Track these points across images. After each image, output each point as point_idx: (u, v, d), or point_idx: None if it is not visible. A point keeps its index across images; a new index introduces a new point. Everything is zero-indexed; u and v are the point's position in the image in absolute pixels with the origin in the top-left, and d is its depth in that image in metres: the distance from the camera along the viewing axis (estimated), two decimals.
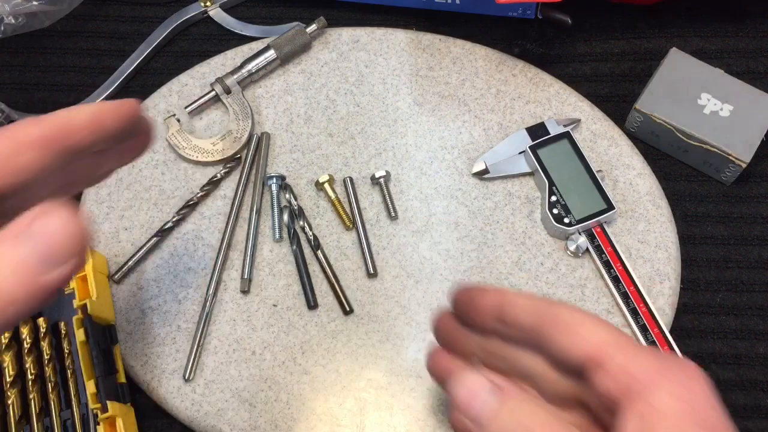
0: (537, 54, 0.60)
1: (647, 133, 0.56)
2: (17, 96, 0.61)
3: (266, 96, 0.59)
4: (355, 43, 0.60)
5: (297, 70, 0.60)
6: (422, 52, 0.60)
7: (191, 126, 0.58)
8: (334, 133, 0.57)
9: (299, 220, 0.54)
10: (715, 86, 0.55)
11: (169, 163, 0.57)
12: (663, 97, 0.55)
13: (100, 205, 0.55)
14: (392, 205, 0.54)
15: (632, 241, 0.53)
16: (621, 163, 0.55)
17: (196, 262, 0.53)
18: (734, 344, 0.51)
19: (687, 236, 0.54)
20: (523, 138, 0.55)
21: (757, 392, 0.49)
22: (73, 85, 0.61)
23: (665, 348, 0.49)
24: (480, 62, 0.59)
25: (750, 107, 0.54)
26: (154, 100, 0.59)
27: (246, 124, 0.57)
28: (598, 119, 0.57)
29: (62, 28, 0.63)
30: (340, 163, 0.56)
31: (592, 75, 0.60)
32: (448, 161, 0.56)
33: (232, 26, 0.62)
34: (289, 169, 0.56)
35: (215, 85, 0.57)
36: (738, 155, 0.53)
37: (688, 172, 0.56)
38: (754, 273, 0.53)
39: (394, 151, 0.57)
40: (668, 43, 0.59)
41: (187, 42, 0.62)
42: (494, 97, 0.58)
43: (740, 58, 0.59)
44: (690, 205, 0.55)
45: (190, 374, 0.50)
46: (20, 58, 0.62)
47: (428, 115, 0.58)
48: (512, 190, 0.55)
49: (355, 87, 0.59)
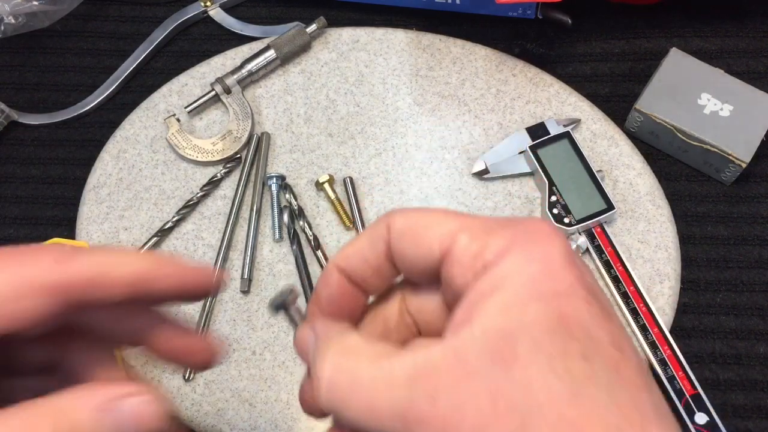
0: (537, 54, 0.60)
1: (647, 133, 0.56)
2: (17, 96, 0.61)
3: (266, 96, 0.59)
4: (355, 43, 0.60)
5: (297, 70, 0.60)
6: (422, 52, 0.60)
7: (191, 126, 0.58)
8: (334, 133, 0.57)
9: (299, 220, 0.54)
10: (715, 86, 0.55)
11: (169, 163, 0.57)
12: (663, 97, 0.55)
13: (100, 205, 0.55)
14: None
15: (632, 241, 0.53)
16: (621, 163, 0.55)
17: (196, 262, 0.53)
18: (734, 344, 0.51)
19: (687, 236, 0.54)
20: (523, 138, 0.55)
21: (757, 392, 0.49)
22: (73, 85, 0.61)
23: (665, 348, 0.49)
24: (480, 62, 0.59)
25: (750, 107, 0.54)
26: (154, 100, 0.59)
27: (246, 124, 0.57)
28: (598, 119, 0.57)
29: (62, 28, 0.63)
30: (340, 163, 0.56)
31: (592, 75, 0.60)
32: (448, 161, 0.56)
33: (232, 26, 0.62)
34: (289, 169, 0.56)
35: (215, 85, 0.58)
36: (738, 155, 0.53)
37: (688, 172, 0.56)
38: (754, 273, 0.53)
39: (394, 151, 0.57)
40: (668, 43, 0.59)
41: (187, 42, 0.62)
42: (494, 97, 0.58)
43: (740, 57, 0.59)
44: (690, 205, 0.55)
45: (190, 374, 0.50)
46: (20, 58, 0.62)
47: (428, 115, 0.58)
48: (512, 190, 0.55)
49: (355, 87, 0.59)
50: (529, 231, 0.26)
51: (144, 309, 0.32)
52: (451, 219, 0.28)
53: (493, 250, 0.26)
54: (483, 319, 0.24)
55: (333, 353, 0.27)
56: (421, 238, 0.28)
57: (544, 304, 0.24)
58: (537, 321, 0.24)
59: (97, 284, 0.28)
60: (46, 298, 0.27)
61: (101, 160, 0.57)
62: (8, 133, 0.59)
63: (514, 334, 0.24)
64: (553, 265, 0.25)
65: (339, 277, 0.30)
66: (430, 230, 0.28)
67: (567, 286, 0.25)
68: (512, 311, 0.24)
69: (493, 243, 0.26)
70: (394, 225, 0.29)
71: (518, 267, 0.25)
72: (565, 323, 0.24)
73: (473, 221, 0.27)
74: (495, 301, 0.25)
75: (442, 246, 0.27)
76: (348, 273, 0.30)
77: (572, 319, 0.24)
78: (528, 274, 0.25)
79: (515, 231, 0.26)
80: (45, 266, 0.27)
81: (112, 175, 0.56)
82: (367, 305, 0.32)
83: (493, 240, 0.26)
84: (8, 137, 0.59)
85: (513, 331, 0.24)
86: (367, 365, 0.25)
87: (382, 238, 0.29)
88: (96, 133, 0.59)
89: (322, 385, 0.26)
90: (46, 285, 0.27)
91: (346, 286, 0.31)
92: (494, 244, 0.26)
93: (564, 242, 0.26)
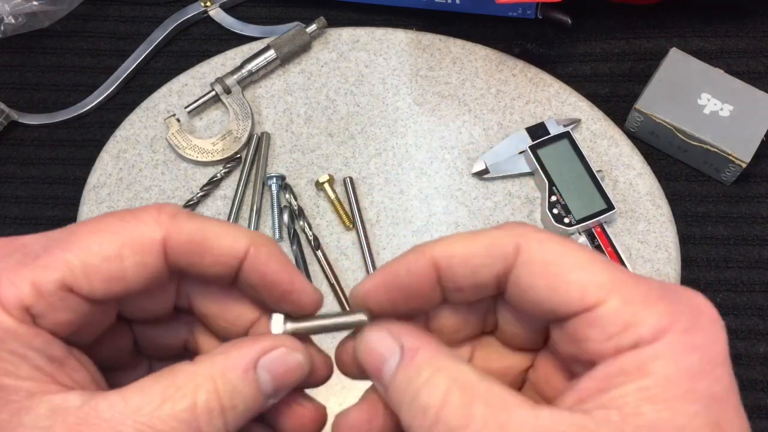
0: (537, 54, 0.60)
1: (647, 133, 0.56)
2: (17, 96, 0.61)
3: (266, 96, 0.59)
4: (355, 43, 0.60)
5: (297, 70, 0.60)
6: (422, 52, 0.60)
7: (191, 126, 0.58)
8: (334, 133, 0.57)
9: (299, 220, 0.54)
10: (715, 86, 0.55)
11: (169, 163, 0.57)
12: (663, 97, 0.55)
13: (99, 205, 0.55)
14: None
15: (632, 242, 0.53)
16: (621, 163, 0.55)
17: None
18: (734, 344, 0.51)
19: (687, 236, 0.54)
20: (523, 138, 0.55)
21: (758, 392, 0.49)
22: (73, 85, 0.61)
23: None
24: (480, 62, 0.59)
25: (750, 107, 0.54)
26: (154, 100, 0.59)
27: (246, 124, 0.57)
28: (598, 119, 0.57)
29: (62, 28, 0.62)
30: (340, 163, 0.56)
31: (592, 75, 0.60)
32: (448, 161, 0.56)
33: (232, 26, 0.62)
34: (289, 169, 0.56)
35: (215, 85, 0.57)
36: (738, 155, 0.53)
37: (688, 172, 0.56)
38: (754, 273, 0.53)
39: (394, 151, 0.57)
40: (668, 43, 0.59)
41: (187, 42, 0.62)
42: (494, 97, 0.58)
43: (740, 58, 0.59)
44: (690, 205, 0.55)
45: None
46: (20, 58, 0.62)
47: (428, 115, 0.58)
48: (512, 190, 0.55)
49: (355, 87, 0.59)
50: (693, 311, 0.24)
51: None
52: (600, 269, 0.24)
53: (650, 327, 0.23)
54: (620, 402, 0.22)
55: (446, 383, 0.24)
56: (558, 281, 0.24)
57: (703, 407, 0.22)
58: (691, 427, 0.22)
59: (195, 251, 0.27)
60: (144, 256, 0.26)
61: (101, 160, 0.57)
62: (8, 133, 0.59)
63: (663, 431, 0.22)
64: (714, 359, 0.23)
65: (430, 271, 0.27)
66: (572, 274, 0.24)
67: (724, 389, 0.23)
68: (661, 405, 0.22)
69: (651, 318, 0.23)
70: (528, 250, 0.25)
71: (675, 354, 0.23)
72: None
73: (627, 279, 0.24)
74: (640, 386, 0.22)
75: (585, 299, 0.24)
76: (443, 274, 0.27)
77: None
78: (686, 365, 0.22)
79: (677, 307, 0.24)
80: (144, 228, 0.26)
81: (112, 175, 0.56)
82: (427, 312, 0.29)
83: (651, 314, 0.23)
84: (8, 137, 0.59)
85: (662, 429, 0.22)
86: (491, 412, 0.23)
87: (505, 258, 0.26)
88: (96, 133, 0.59)
89: (430, 415, 0.23)
90: (144, 245, 0.26)
91: (431, 283, 0.27)
92: (652, 319, 0.23)
93: (724, 331, 0.24)
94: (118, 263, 0.26)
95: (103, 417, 0.24)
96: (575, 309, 0.24)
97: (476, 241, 0.26)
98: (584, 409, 0.23)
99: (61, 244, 0.26)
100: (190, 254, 0.27)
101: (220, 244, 0.27)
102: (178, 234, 0.27)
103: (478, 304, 0.29)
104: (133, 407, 0.24)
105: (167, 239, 0.27)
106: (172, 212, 0.27)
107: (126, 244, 0.26)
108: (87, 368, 0.27)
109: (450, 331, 0.29)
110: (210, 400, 0.25)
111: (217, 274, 0.28)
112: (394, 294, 0.27)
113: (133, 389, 0.25)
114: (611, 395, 0.23)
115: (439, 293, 0.27)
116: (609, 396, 0.23)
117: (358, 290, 0.28)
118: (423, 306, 0.28)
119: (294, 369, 0.27)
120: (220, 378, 0.25)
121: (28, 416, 0.24)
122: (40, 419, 0.24)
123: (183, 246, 0.27)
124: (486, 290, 0.27)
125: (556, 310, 0.25)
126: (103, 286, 0.26)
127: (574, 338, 0.25)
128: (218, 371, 0.26)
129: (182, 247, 0.27)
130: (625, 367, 0.23)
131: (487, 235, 0.26)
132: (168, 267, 0.27)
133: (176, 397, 0.24)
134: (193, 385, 0.25)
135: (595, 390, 0.23)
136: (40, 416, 0.24)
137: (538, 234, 0.26)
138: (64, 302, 0.25)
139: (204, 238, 0.27)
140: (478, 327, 0.30)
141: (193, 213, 0.28)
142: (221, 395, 0.25)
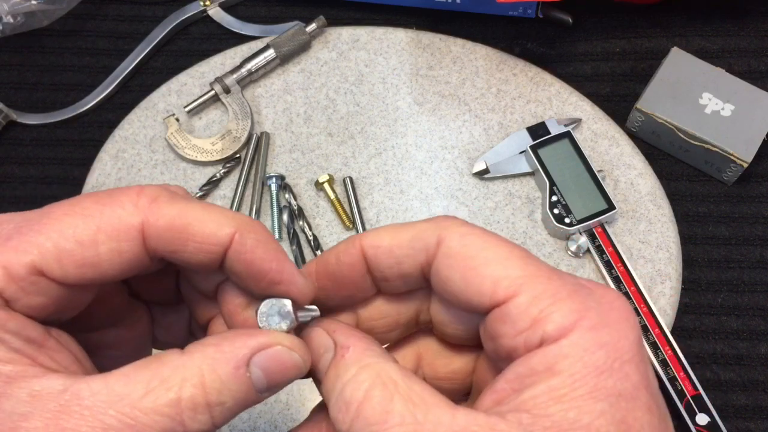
0: (537, 53, 0.60)
1: (648, 132, 0.56)
2: (16, 95, 0.60)
3: (266, 95, 0.59)
4: (355, 42, 0.60)
5: (297, 69, 0.59)
6: (422, 52, 0.59)
7: (190, 125, 0.58)
8: (334, 132, 0.57)
9: (299, 220, 0.54)
10: (717, 86, 0.55)
11: (168, 162, 0.57)
12: (664, 96, 0.54)
13: None
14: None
15: (633, 242, 0.53)
16: (622, 163, 0.55)
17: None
18: (735, 344, 0.51)
19: (688, 236, 0.54)
20: (523, 138, 0.55)
21: (759, 392, 0.49)
22: (72, 84, 0.61)
23: (666, 349, 0.49)
24: (480, 61, 0.59)
25: (751, 107, 0.54)
26: (153, 100, 0.58)
27: (245, 124, 0.57)
28: (599, 119, 0.56)
29: (61, 28, 0.62)
30: (340, 163, 0.56)
31: (593, 74, 0.59)
32: (449, 161, 0.56)
33: (232, 25, 0.62)
34: (289, 169, 0.56)
35: (214, 85, 0.57)
36: (739, 155, 0.52)
37: (690, 171, 0.56)
38: (756, 273, 0.53)
39: (394, 151, 0.56)
40: (669, 43, 0.59)
41: (186, 41, 0.62)
42: (495, 97, 0.58)
43: (742, 57, 0.59)
44: (691, 205, 0.55)
45: None
46: (19, 57, 0.62)
47: (428, 114, 0.57)
48: (513, 190, 0.55)
49: (355, 87, 0.59)
50: (602, 308, 0.24)
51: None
52: (515, 264, 0.24)
53: (557, 323, 0.23)
54: (531, 404, 0.22)
55: (370, 380, 0.24)
56: (472, 275, 0.25)
57: (608, 405, 0.22)
58: (595, 426, 0.22)
59: (176, 237, 0.25)
60: (120, 243, 0.25)
61: (100, 160, 0.57)
62: (7, 133, 0.59)
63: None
64: (621, 357, 0.23)
65: (359, 260, 0.27)
66: (486, 268, 0.25)
67: (632, 387, 0.23)
68: (568, 404, 0.22)
69: (558, 314, 0.23)
70: (447, 242, 0.26)
71: (581, 352, 0.23)
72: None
73: (540, 275, 0.24)
74: (549, 386, 0.22)
75: (495, 294, 0.24)
76: (369, 263, 0.27)
77: (633, 430, 0.22)
78: (592, 363, 0.22)
79: (586, 304, 0.24)
80: (121, 212, 0.25)
81: (111, 175, 0.56)
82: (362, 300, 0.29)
83: (558, 310, 0.23)
84: (7, 137, 0.59)
85: (567, 430, 0.22)
86: (408, 410, 0.23)
87: (427, 249, 0.26)
88: (95, 132, 0.59)
89: (351, 409, 0.24)
90: (121, 230, 0.25)
91: (360, 272, 0.28)
92: (559, 315, 0.23)
93: (637, 328, 0.24)
94: (92, 249, 0.25)
95: (84, 404, 0.23)
96: (487, 303, 0.24)
97: (402, 233, 0.27)
98: (500, 411, 0.23)
99: (35, 226, 0.25)
100: (171, 241, 0.25)
101: (202, 231, 0.25)
102: (157, 219, 0.25)
103: (411, 297, 0.29)
104: (116, 395, 0.23)
105: (145, 224, 0.25)
106: (152, 195, 0.26)
107: (101, 229, 0.25)
108: (69, 348, 0.26)
109: (385, 323, 0.30)
110: (196, 395, 0.24)
111: (201, 262, 0.26)
112: (324, 281, 0.28)
113: (117, 375, 0.24)
114: (524, 397, 0.23)
115: (370, 283, 0.28)
116: (522, 398, 0.23)
117: None
118: (354, 294, 0.29)
119: (290, 368, 0.26)
120: (208, 372, 0.24)
121: (8, 402, 0.23)
122: (20, 405, 0.23)
123: (162, 232, 0.25)
124: (412, 281, 0.28)
125: (471, 304, 0.25)
126: (76, 271, 0.25)
127: (492, 335, 0.25)
128: (207, 365, 0.24)
129: (162, 234, 0.25)
130: (535, 367, 0.23)
131: (414, 227, 0.27)
132: (148, 253, 0.26)
133: (160, 390, 0.23)
134: (180, 378, 0.24)
135: (510, 391, 0.23)
136: (20, 401, 0.23)
137: (461, 227, 0.26)
138: (36, 286, 0.24)
139: (185, 224, 0.25)
140: (412, 320, 0.30)
141: (176, 195, 0.26)
142: (208, 391, 0.24)
